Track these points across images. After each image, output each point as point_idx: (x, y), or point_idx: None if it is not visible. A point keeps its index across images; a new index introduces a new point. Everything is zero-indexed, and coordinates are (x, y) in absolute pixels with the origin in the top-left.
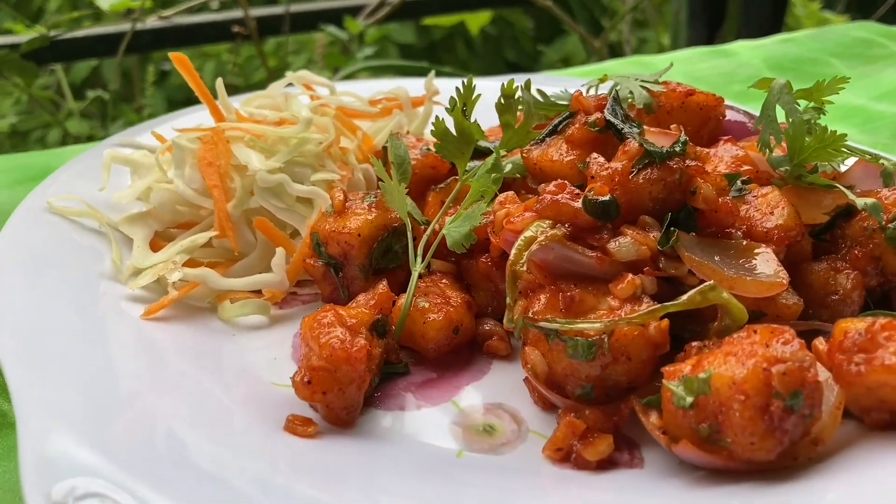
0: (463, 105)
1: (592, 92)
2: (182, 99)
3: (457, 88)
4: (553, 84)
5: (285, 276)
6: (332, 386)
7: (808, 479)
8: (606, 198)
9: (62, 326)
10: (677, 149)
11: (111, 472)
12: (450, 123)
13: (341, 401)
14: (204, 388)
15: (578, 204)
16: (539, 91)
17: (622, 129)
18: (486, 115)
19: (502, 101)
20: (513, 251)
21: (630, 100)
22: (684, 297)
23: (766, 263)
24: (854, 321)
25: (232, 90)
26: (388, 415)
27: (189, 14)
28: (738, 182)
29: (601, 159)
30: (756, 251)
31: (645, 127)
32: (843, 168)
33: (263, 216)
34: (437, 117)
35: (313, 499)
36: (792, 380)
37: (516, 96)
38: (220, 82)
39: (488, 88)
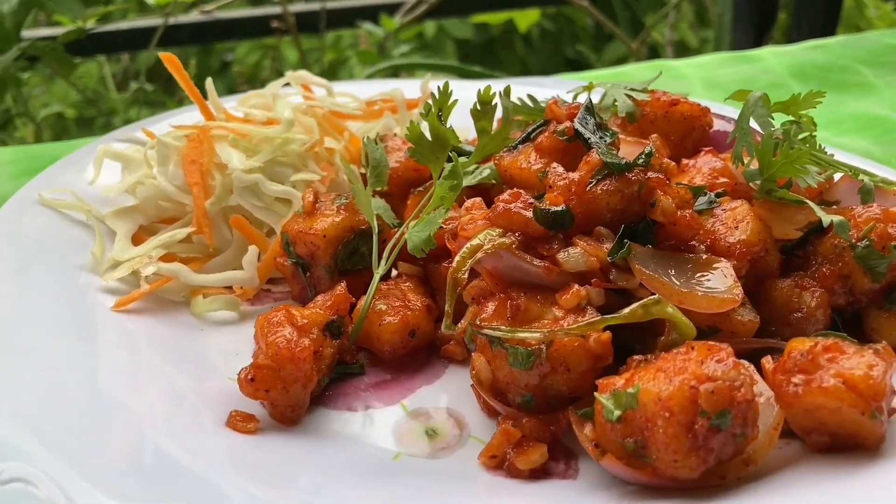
0: (438, 110)
1: (584, 98)
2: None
3: (432, 93)
4: (562, 88)
5: (256, 274)
6: (276, 384)
7: (734, 499)
8: (559, 208)
9: (33, 315)
10: (640, 160)
11: (44, 459)
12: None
13: (285, 399)
14: (159, 379)
15: (531, 213)
16: (529, 96)
17: (589, 139)
18: None
19: (478, 107)
20: (456, 258)
21: (614, 109)
22: (626, 310)
23: (722, 279)
24: (804, 341)
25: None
26: (336, 414)
27: (229, 9)
28: (711, 195)
29: (560, 169)
30: (715, 266)
31: (622, 136)
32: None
33: (242, 214)
34: (411, 122)
35: (241, 493)
36: (720, 399)
37: (493, 102)
38: (209, 82)
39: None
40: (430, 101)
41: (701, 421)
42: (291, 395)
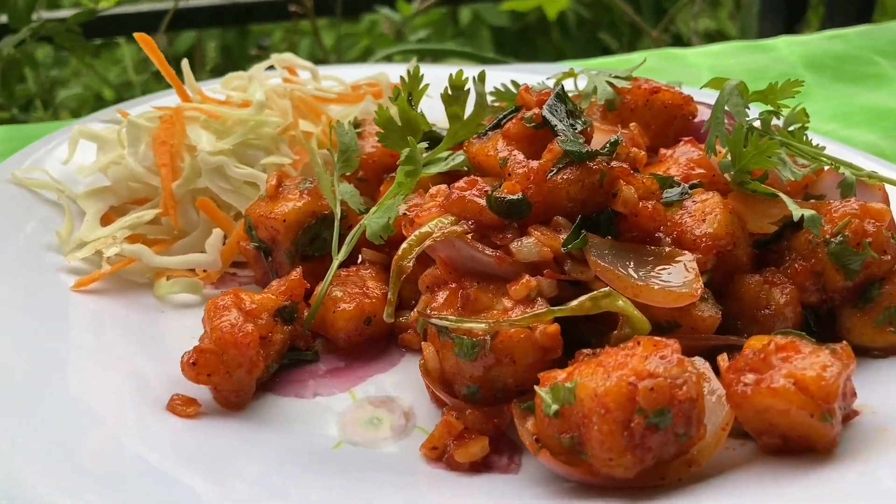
0: (408, 94)
1: (570, 85)
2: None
3: (402, 77)
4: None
5: (219, 258)
6: (218, 369)
7: (672, 500)
8: (515, 197)
9: None
10: (605, 149)
11: None
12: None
13: (229, 384)
14: (108, 360)
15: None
16: (513, 82)
17: (556, 126)
18: None
19: (449, 91)
20: (403, 246)
21: (595, 96)
22: (574, 302)
23: (682, 273)
24: (762, 339)
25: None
26: (283, 401)
27: None
28: (684, 186)
29: (520, 156)
30: (678, 259)
31: (598, 125)
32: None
33: (211, 197)
34: (380, 106)
35: (169, 476)
36: (659, 396)
37: (465, 88)
38: (185, 63)
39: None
40: (398, 86)
41: (637, 419)
42: (235, 381)
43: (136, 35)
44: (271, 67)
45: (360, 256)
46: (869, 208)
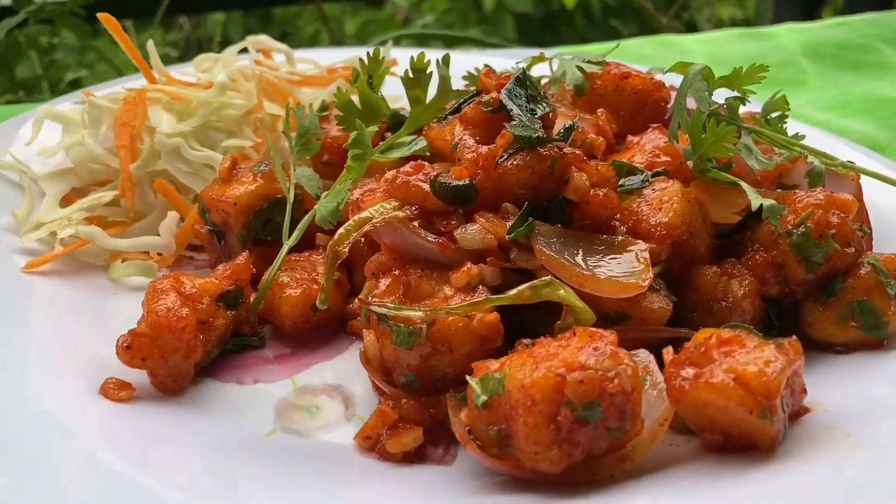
0: (368, 77)
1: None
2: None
3: (360, 59)
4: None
5: (172, 240)
6: (153, 353)
7: (601, 496)
8: (461, 182)
9: None
10: (559, 135)
11: None
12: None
13: (164, 368)
14: (51, 341)
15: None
16: (486, 66)
17: (511, 110)
18: None
19: (410, 74)
20: (339, 231)
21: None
22: (513, 290)
23: (632, 262)
24: (707, 332)
25: None
26: (223, 386)
27: None
28: (647, 174)
29: (469, 141)
30: (630, 248)
31: (562, 110)
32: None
33: (170, 179)
34: (338, 88)
35: (90, 458)
36: (588, 389)
37: (427, 70)
38: (150, 44)
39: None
40: (357, 68)
41: (565, 412)
42: (171, 366)
43: (99, 16)
44: (246, 50)
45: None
46: (835, 198)
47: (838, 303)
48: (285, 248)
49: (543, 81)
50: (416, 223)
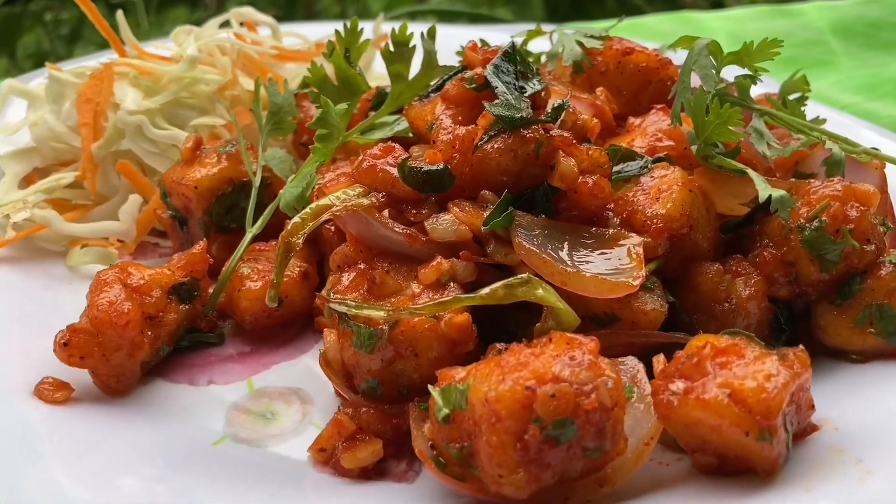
0: (346, 51)
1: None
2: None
3: (336, 31)
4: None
5: (133, 226)
6: (93, 351)
7: None
8: (434, 167)
9: None
10: (547, 116)
11: None
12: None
13: (106, 367)
14: None
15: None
16: (482, 41)
17: (496, 88)
18: None
19: (391, 48)
20: (293, 220)
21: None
22: (486, 289)
23: (623, 258)
24: (703, 339)
25: None
26: (173, 388)
27: None
28: (647, 160)
29: (447, 122)
30: (622, 243)
31: (557, 88)
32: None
33: (134, 159)
34: (312, 62)
35: (19, 465)
36: (560, 405)
37: (410, 45)
38: (120, 14)
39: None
40: (332, 41)
41: (533, 430)
42: (114, 364)
43: None
44: (228, 23)
45: None
46: (854, 190)
47: (855, 306)
48: (248, 237)
49: (543, 58)
50: (385, 212)
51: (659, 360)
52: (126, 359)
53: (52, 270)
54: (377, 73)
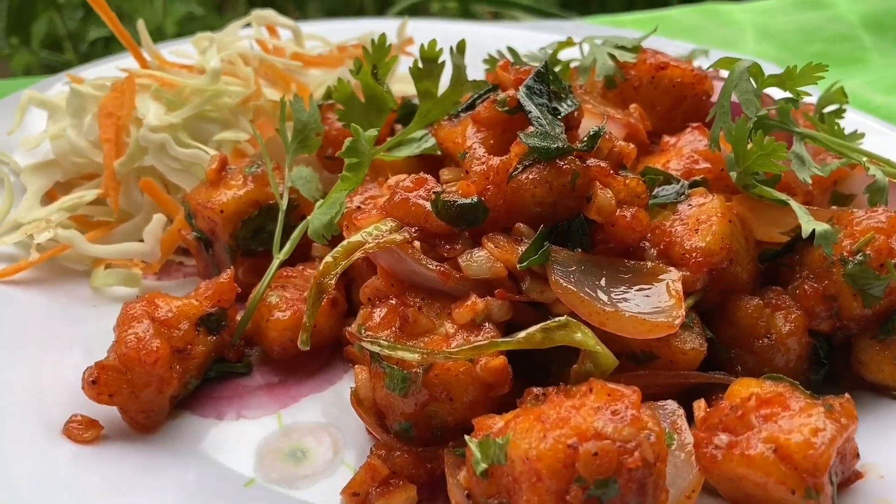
0: (373, 67)
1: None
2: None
3: (364, 48)
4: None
5: (158, 247)
6: (122, 388)
7: None
8: (469, 200)
9: None
10: (583, 144)
11: None
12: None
13: (135, 405)
14: (16, 369)
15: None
16: (510, 49)
17: (530, 112)
18: None
19: (420, 65)
20: (325, 259)
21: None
22: (522, 333)
23: (662, 296)
24: (748, 384)
25: None
26: (201, 422)
27: None
28: (684, 184)
29: (480, 151)
30: (661, 277)
31: (589, 107)
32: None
33: (158, 176)
34: (339, 79)
35: None
36: (604, 463)
37: (440, 60)
38: (141, 24)
39: None
40: (359, 58)
41: (575, 490)
42: (143, 401)
43: None
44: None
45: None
46: None
47: None
48: (275, 264)
49: (573, 64)
50: (416, 243)
51: (700, 407)
52: (155, 395)
53: (76, 291)
54: (400, 75)
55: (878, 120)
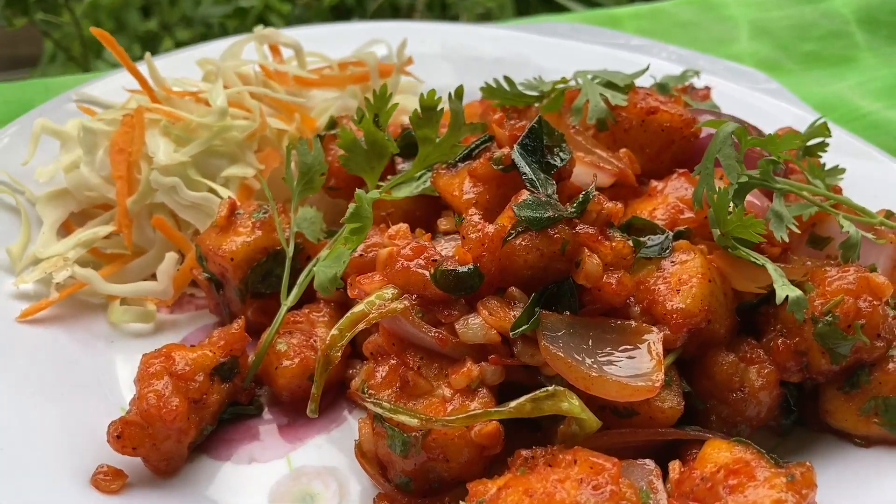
0: (375, 115)
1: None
2: None
3: (366, 98)
4: (582, 37)
5: (170, 285)
6: (144, 442)
7: None
8: (465, 269)
9: None
10: (573, 209)
11: None
12: None
13: (157, 455)
14: (40, 414)
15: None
16: (507, 79)
17: (525, 174)
18: None
19: (419, 113)
20: (332, 332)
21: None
22: (513, 403)
23: (644, 359)
24: (720, 447)
25: None
26: (217, 466)
27: None
28: (668, 235)
29: (475, 218)
30: (644, 338)
31: (580, 154)
32: None
33: (170, 212)
34: (342, 127)
35: None
36: None
37: (438, 108)
38: (148, 56)
39: None
40: (361, 108)
41: None
42: (164, 452)
43: (92, 30)
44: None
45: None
46: (869, 281)
47: (862, 395)
48: (283, 310)
49: (571, 82)
50: (415, 307)
51: (675, 469)
52: (175, 445)
53: (94, 326)
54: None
55: (865, 143)
